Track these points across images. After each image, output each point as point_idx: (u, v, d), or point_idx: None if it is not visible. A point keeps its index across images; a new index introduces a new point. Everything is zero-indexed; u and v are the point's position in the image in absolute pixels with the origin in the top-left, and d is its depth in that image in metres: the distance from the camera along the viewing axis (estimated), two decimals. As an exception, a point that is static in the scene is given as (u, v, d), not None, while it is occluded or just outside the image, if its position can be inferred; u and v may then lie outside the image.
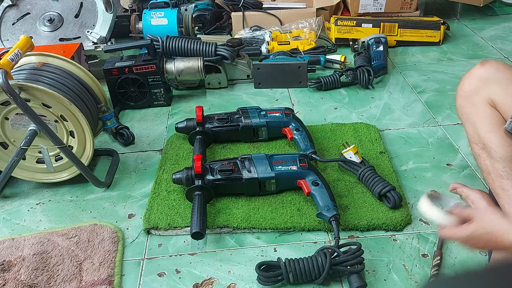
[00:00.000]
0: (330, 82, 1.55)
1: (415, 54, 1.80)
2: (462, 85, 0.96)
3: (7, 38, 1.69)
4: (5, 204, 1.17)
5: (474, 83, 0.93)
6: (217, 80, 1.62)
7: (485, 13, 2.13)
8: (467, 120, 0.94)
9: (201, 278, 0.93)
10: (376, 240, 0.99)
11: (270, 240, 1.01)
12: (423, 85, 1.57)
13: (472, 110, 0.92)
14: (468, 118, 0.94)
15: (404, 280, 0.90)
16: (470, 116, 0.93)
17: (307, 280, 0.89)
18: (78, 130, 1.14)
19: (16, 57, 1.07)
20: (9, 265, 0.98)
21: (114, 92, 1.50)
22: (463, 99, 0.95)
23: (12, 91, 1.01)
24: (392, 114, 1.42)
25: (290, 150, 1.27)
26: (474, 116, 0.92)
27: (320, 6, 1.96)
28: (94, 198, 1.17)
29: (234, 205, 1.08)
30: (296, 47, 1.75)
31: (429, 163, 1.20)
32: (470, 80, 0.95)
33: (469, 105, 0.93)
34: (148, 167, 1.26)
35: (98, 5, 1.71)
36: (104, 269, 0.95)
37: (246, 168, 1.09)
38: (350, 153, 1.14)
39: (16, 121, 1.12)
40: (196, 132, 1.27)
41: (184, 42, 1.56)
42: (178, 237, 1.03)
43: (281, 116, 1.28)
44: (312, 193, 1.04)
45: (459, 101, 0.96)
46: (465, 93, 0.94)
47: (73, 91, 1.17)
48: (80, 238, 1.03)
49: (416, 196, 1.09)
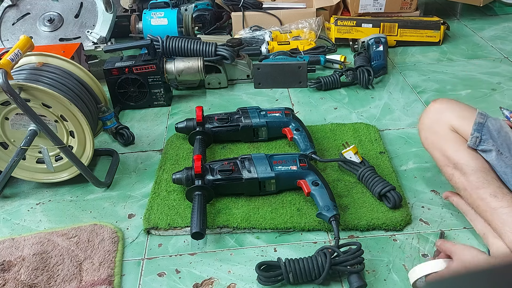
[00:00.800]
0: (330, 82, 1.56)
1: (415, 54, 1.80)
2: (423, 121, 1.05)
3: (7, 38, 1.69)
4: (5, 204, 1.17)
5: (431, 116, 1.03)
6: (217, 80, 1.62)
7: (485, 13, 2.13)
8: (434, 147, 1.01)
9: (201, 278, 0.93)
10: (376, 240, 0.99)
11: (270, 240, 1.01)
12: (423, 85, 1.57)
13: (436, 137, 1.00)
14: (434, 145, 1.01)
15: (404, 280, 0.90)
16: (435, 143, 1.01)
17: (307, 280, 0.89)
18: (78, 130, 1.14)
19: (16, 57, 1.07)
20: (9, 265, 0.98)
21: (114, 92, 1.50)
22: (425, 131, 1.04)
23: (12, 91, 1.01)
24: (392, 114, 1.42)
25: (290, 150, 1.27)
26: (440, 141, 0.99)
27: (320, 6, 1.96)
28: (94, 198, 1.17)
29: (234, 205, 1.08)
30: (296, 47, 1.75)
31: (429, 163, 1.20)
32: (428, 115, 1.04)
33: (432, 134, 1.01)
34: (148, 167, 1.26)
35: (98, 5, 1.71)
36: (104, 269, 0.95)
37: (246, 168, 1.09)
38: (350, 153, 1.14)
39: (16, 121, 1.12)
40: (196, 132, 1.27)
41: (184, 42, 1.56)
42: (178, 237, 1.04)
43: (281, 116, 1.28)
44: (312, 193, 1.04)
45: (422, 134, 1.05)
46: (426, 125, 1.04)
47: (73, 91, 1.17)
48: (80, 238, 1.03)
49: (416, 196, 1.09)
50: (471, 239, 0.98)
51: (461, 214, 1.03)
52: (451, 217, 1.03)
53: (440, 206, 1.06)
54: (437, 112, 1.02)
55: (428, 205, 1.07)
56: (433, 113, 1.03)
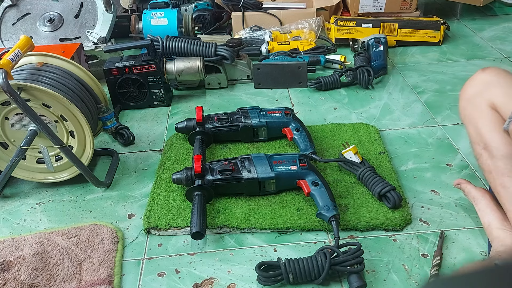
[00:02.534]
0: (330, 82, 1.56)
1: (415, 54, 1.80)
2: (466, 89, 0.98)
3: (7, 38, 1.69)
4: (5, 204, 1.17)
5: (477, 86, 0.95)
6: (217, 80, 1.62)
7: (485, 13, 2.13)
8: (469, 121, 0.95)
9: (201, 278, 0.93)
10: (376, 240, 0.99)
11: (270, 240, 1.01)
12: (422, 85, 1.57)
13: (474, 111, 0.94)
14: (470, 119, 0.95)
15: (404, 280, 0.90)
16: (472, 117, 0.95)
17: (307, 280, 0.89)
18: (78, 130, 1.14)
19: (16, 57, 1.07)
20: (9, 265, 0.98)
21: (114, 92, 1.50)
22: (465, 101, 0.97)
23: (12, 91, 1.01)
24: (391, 115, 1.42)
25: (290, 150, 1.27)
26: (476, 117, 0.93)
27: (320, 6, 1.96)
28: (94, 198, 1.17)
29: (234, 205, 1.08)
30: (296, 47, 1.75)
31: (428, 163, 1.20)
32: (473, 83, 0.97)
33: (471, 106, 0.95)
34: (148, 167, 1.26)
35: (98, 5, 1.71)
36: (104, 269, 0.95)
37: (246, 168, 1.09)
38: (350, 153, 1.14)
39: (16, 121, 1.12)
40: (196, 132, 1.27)
41: (184, 42, 1.56)
42: (178, 237, 1.04)
43: (281, 116, 1.28)
44: (312, 193, 1.04)
45: (462, 103, 0.98)
46: (468, 95, 0.96)
47: (73, 91, 1.17)
48: (80, 238, 1.03)
49: (416, 196, 1.09)
50: (471, 239, 0.98)
51: (461, 214, 1.03)
52: (451, 217, 1.03)
53: (440, 206, 1.06)
54: (483, 83, 0.95)
55: (428, 205, 1.07)
56: (479, 84, 0.95)
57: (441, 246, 0.95)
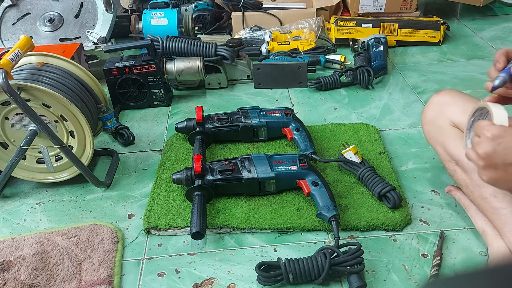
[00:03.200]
0: (330, 82, 1.56)
1: (415, 54, 1.80)
2: (425, 113, 1.03)
3: (7, 38, 1.69)
4: (5, 204, 1.17)
5: (435, 109, 1.00)
6: (217, 80, 1.62)
7: (485, 13, 2.13)
8: (436, 142, 1.00)
9: (200, 278, 0.93)
10: (376, 240, 0.99)
11: (270, 240, 1.01)
12: (422, 85, 1.57)
13: (438, 132, 0.99)
14: (436, 140, 1.00)
15: (404, 280, 0.90)
16: (437, 138, 0.99)
17: (307, 280, 0.89)
18: (78, 130, 1.14)
19: (16, 57, 1.07)
20: (9, 265, 0.98)
21: (114, 92, 1.50)
22: (428, 125, 1.02)
23: (12, 91, 1.01)
24: (392, 115, 1.42)
25: (290, 150, 1.27)
26: (442, 136, 0.98)
27: (320, 6, 1.96)
28: (94, 198, 1.17)
29: (234, 205, 1.08)
30: (296, 47, 1.75)
31: (428, 163, 1.20)
32: (431, 107, 1.02)
33: (435, 128, 1.00)
34: (148, 167, 1.26)
35: (98, 5, 1.71)
36: (104, 269, 0.95)
37: (246, 168, 1.09)
38: (350, 153, 1.14)
39: (16, 121, 1.12)
40: (196, 132, 1.27)
41: (184, 42, 1.56)
42: (178, 237, 1.04)
43: (281, 116, 1.28)
44: (312, 193, 1.04)
45: (425, 127, 1.03)
46: (428, 119, 1.02)
47: (73, 91, 1.17)
48: (80, 238, 1.03)
49: (416, 197, 1.09)
50: (471, 239, 0.98)
51: (461, 214, 1.03)
52: (451, 217, 1.03)
53: (440, 206, 1.06)
54: (440, 105, 0.99)
55: (428, 205, 1.07)
56: (436, 106, 1.00)
57: (441, 246, 0.95)
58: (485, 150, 0.68)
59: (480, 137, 0.70)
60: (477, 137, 0.71)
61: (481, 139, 0.70)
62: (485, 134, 0.69)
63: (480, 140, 0.70)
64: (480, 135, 0.70)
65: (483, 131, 0.69)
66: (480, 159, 0.70)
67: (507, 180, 0.69)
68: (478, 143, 0.70)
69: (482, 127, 0.70)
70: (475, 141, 0.71)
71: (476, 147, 0.70)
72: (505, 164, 0.67)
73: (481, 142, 0.69)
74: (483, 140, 0.69)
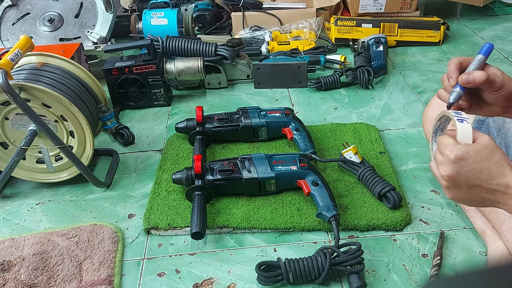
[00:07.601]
0: (330, 82, 1.56)
1: (415, 54, 1.80)
2: (426, 114, 1.05)
3: (7, 38, 1.69)
4: (5, 204, 1.17)
5: (435, 108, 1.02)
6: (217, 80, 1.62)
7: (485, 13, 2.13)
8: None
9: (201, 278, 0.93)
10: (376, 240, 0.99)
11: (270, 240, 1.01)
12: (423, 85, 1.57)
13: None
14: None
15: (404, 280, 0.90)
16: None
17: (307, 280, 0.89)
18: (78, 130, 1.14)
19: (16, 57, 1.07)
20: (9, 265, 0.98)
21: (114, 92, 1.50)
22: (428, 125, 1.04)
23: (12, 91, 1.01)
24: (392, 114, 1.42)
25: (290, 150, 1.27)
26: None
27: (320, 6, 1.96)
28: (94, 198, 1.17)
29: (234, 205, 1.08)
30: (296, 47, 1.75)
31: (429, 163, 1.19)
32: (431, 107, 1.04)
33: None
34: (148, 167, 1.26)
35: (98, 5, 1.71)
36: (104, 269, 0.95)
37: (246, 168, 1.09)
38: (350, 153, 1.14)
39: (16, 121, 1.12)
40: (196, 132, 1.27)
41: (184, 42, 1.56)
42: (178, 237, 1.04)
43: (281, 116, 1.28)
44: (312, 193, 1.04)
45: (426, 127, 1.05)
46: (429, 119, 1.03)
47: (73, 91, 1.17)
48: (80, 238, 1.03)
49: (416, 196, 1.09)
50: (471, 239, 0.98)
51: (461, 214, 1.03)
52: (451, 217, 1.03)
53: (440, 206, 1.06)
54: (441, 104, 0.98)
55: (428, 205, 1.07)
56: (437, 106, 1.01)
57: (441, 246, 0.95)
58: (448, 173, 0.66)
59: (443, 157, 0.67)
60: (440, 155, 0.68)
61: (444, 159, 0.67)
62: (448, 156, 0.66)
63: (443, 161, 0.67)
64: (443, 154, 0.67)
65: (445, 151, 0.66)
66: (443, 180, 0.68)
67: (470, 199, 0.68)
68: (441, 163, 0.67)
69: (445, 146, 0.67)
70: (438, 160, 0.68)
71: (440, 167, 0.68)
72: (468, 186, 0.65)
73: (444, 164, 0.67)
74: (446, 161, 0.66)
